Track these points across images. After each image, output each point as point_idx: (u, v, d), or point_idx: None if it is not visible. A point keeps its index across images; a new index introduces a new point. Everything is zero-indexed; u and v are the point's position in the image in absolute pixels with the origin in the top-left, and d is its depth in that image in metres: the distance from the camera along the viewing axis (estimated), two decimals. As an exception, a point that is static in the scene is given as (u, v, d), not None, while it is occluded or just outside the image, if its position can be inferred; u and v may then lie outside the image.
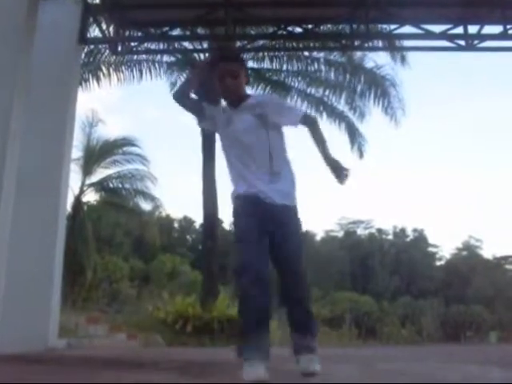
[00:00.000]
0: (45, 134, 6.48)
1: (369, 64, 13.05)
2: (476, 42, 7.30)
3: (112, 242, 29.66)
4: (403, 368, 4.22)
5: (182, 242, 41.32)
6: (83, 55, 9.81)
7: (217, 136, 3.79)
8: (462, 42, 7.31)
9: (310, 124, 3.50)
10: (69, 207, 17.22)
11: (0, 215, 5.16)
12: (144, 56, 12.51)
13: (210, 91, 3.78)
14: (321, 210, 67.92)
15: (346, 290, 36.15)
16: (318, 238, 50.74)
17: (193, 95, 3.72)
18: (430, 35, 7.31)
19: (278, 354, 3.49)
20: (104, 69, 11.99)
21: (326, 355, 5.85)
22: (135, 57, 12.30)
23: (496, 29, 7.22)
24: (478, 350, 8.96)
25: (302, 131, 3.49)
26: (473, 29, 7.29)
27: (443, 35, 7.29)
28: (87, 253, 19.11)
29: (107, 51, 10.82)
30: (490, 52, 7.56)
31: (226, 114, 3.59)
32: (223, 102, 3.71)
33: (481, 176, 63.59)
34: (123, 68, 12.48)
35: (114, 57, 11.37)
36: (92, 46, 10.82)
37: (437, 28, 7.29)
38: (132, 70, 12.61)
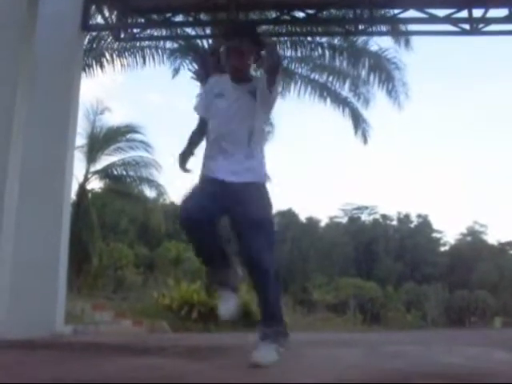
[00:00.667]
0: (49, 122, 6.49)
1: (373, 47, 12.96)
2: (481, 25, 7.23)
3: (117, 229, 29.74)
4: (406, 350, 4.24)
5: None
6: (86, 41, 9.79)
7: None
8: (467, 26, 7.25)
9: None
10: (73, 195, 17.26)
11: (5, 203, 5.19)
12: (147, 42, 12.47)
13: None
14: (324, 196, 67.96)
15: (351, 276, 36.21)
16: (323, 224, 50.75)
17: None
18: (434, 19, 7.26)
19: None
20: (107, 55, 11.96)
21: (331, 340, 5.89)
22: (138, 43, 12.26)
23: (501, 12, 7.16)
24: (481, 334, 9.00)
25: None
26: (477, 12, 7.23)
27: (447, 19, 7.24)
28: (92, 240, 19.18)
29: (110, 37, 10.78)
30: (495, 36, 7.51)
31: (223, 84, 3.57)
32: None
33: (485, 161, 63.38)
34: (126, 54, 12.44)
35: (117, 43, 11.33)
36: (95, 33, 10.78)
37: (441, 12, 7.24)
38: (135, 57, 12.56)
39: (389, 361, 3.66)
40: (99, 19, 7.93)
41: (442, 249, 47.82)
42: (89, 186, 20.82)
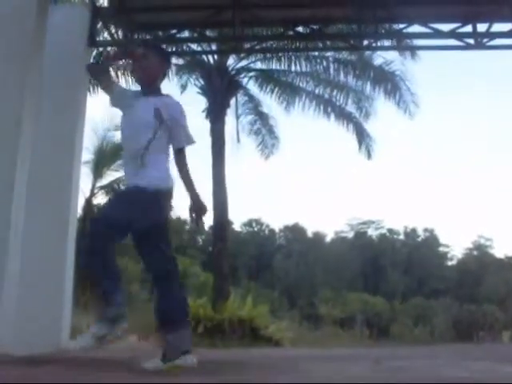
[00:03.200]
0: (56, 136, 6.53)
1: (378, 60, 12.97)
2: (485, 40, 7.25)
3: (122, 244, 29.72)
4: (412, 365, 4.21)
5: (192, 244, 41.40)
6: (92, 59, 9.86)
7: (226, 137, 3.98)
8: (471, 41, 7.26)
9: (180, 160, 3.68)
10: (80, 210, 17.29)
11: (12, 218, 5.20)
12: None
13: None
14: (331, 210, 67.87)
15: (358, 290, 36.06)
16: (329, 238, 50.63)
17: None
18: (438, 34, 7.29)
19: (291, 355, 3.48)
20: (113, 72, 12.04)
21: (337, 355, 5.85)
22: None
23: (505, 26, 7.18)
24: (489, 348, 8.92)
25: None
26: (482, 27, 7.26)
27: (452, 34, 7.26)
28: (98, 255, 19.16)
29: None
30: (500, 50, 7.53)
31: (133, 97, 3.77)
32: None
33: (488, 175, 63.18)
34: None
35: (123, 59, 11.41)
36: (101, 50, 10.87)
37: (445, 27, 7.26)
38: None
39: (395, 375, 3.63)
40: (105, 35, 8.00)
41: (450, 263, 47.63)
42: (95, 201, 20.88)
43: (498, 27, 7.22)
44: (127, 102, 3.73)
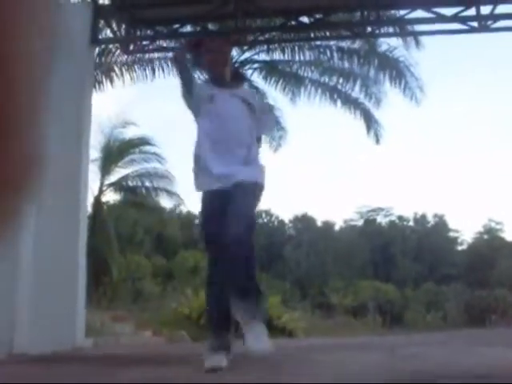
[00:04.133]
0: (62, 135, 6.54)
1: (382, 47, 12.90)
2: (489, 22, 7.20)
3: (133, 241, 29.89)
4: (425, 352, 4.21)
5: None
6: (95, 57, 9.88)
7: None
8: (475, 24, 7.21)
9: (259, 147, 3.73)
10: (89, 208, 17.37)
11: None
12: (156, 54, 12.56)
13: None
14: (339, 199, 67.76)
15: (369, 278, 36.04)
16: (337, 227, 50.60)
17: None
18: (442, 18, 7.24)
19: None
20: (117, 69, 12.05)
21: (350, 344, 5.86)
22: (147, 55, 12.35)
23: (509, 8, 7.12)
24: (502, 333, 8.91)
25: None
26: (485, 9, 7.20)
27: (455, 18, 7.21)
28: (110, 252, 19.29)
29: (118, 51, 10.88)
30: (504, 32, 7.47)
31: (210, 89, 3.65)
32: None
33: (497, 159, 62.85)
34: (136, 67, 12.53)
35: (126, 56, 11.42)
36: (103, 47, 10.88)
37: (448, 11, 7.21)
38: (145, 69, 12.66)
39: (408, 362, 3.64)
40: (108, 32, 8.01)
41: (460, 248, 47.51)
42: (104, 199, 20.98)
43: (502, 9, 7.17)
44: (207, 93, 3.62)
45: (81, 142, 6.72)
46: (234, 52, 13.86)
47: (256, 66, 14.45)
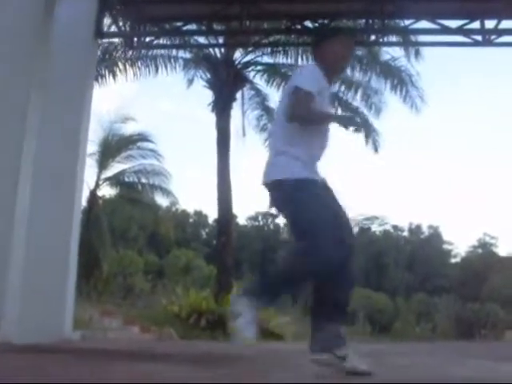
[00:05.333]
0: (61, 128, 6.53)
1: (384, 57, 12.92)
2: (493, 37, 7.21)
3: (126, 236, 29.85)
4: (413, 362, 4.21)
5: (196, 237, 41.44)
6: (99, 52, 9.88)
7: (232, 131, 3.71)
8: (479, 38, 7.23)
9: None
10: (84, 201, 17.34)
11: (16, 209, 5.23)
12: (160, 51, 12.57)
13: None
14: (335, 206, 67.67)
15: (360, 286, 36.01)
16: (332, 234, 50.56)
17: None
18: (446, 30, 7.25)
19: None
20: (120, 64, 12.05)
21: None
22: (151, 52, 12.36)
23: (513, 24, 7.14)
24: (491, 347, 8.92)
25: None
26: (490, 24, 7.21)
27: (459, 30, 7.22)
28: (102, 246, 19.26)
29: (123, 47, 10.87)
30: (508, 47, 7.48)
31: (323, 81, 3.32)
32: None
33: (495, 174, 62.98)
34: (139, 63, 12.54)
35: (130, 52, 11.42)
36: (108, 43, 10.89)
37: (453, 23, 7.23)
38: (148, 66, 12.66)
39: (396, 372, 3.63)
40: (113, 28, 8.00)
41: (453, 260, 47.51)
42: (99, 193, 20.94)
43: (507, 24, 7.17)
44: (322, 85, 3.29)
45: (79, 136, 6.70)
46: (238, 53, 13.90)
47: (259, 68, 14.46)
